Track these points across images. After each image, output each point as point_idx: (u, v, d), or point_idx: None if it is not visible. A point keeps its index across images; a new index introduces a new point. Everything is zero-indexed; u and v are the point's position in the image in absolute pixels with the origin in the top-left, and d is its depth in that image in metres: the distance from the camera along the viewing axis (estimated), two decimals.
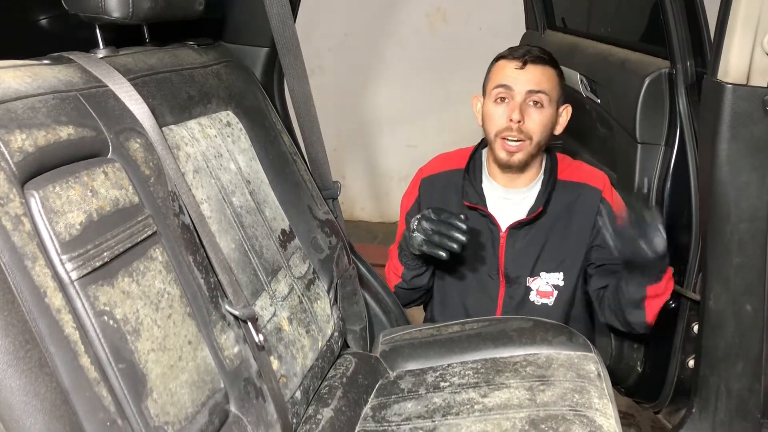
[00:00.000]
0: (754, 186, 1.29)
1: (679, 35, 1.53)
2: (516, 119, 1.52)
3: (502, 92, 1.56)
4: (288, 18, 1.36)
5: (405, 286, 1.67)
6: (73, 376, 0.74)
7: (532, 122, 1.54)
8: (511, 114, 1.53)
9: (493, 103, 1.57)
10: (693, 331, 1.58)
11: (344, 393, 1.27)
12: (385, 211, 3.92)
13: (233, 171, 1.22)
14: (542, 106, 1.55)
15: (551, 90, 1.56)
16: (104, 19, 1.01)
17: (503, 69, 1.57)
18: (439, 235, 1.43)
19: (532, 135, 1.55)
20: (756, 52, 1.23)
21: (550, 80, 1.56)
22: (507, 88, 1.55)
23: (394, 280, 1.67)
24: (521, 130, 1.53)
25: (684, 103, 1.55)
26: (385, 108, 3.72)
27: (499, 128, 1.56)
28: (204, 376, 0.93)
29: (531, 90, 1.53)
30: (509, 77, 1.55)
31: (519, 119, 1.52)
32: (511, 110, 1.53)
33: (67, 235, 0.79)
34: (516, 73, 1.55)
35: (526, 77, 1.54)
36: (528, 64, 1.54)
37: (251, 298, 1.12)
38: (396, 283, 1.67)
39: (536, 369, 1.31)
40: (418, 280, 1.65)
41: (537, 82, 1.54)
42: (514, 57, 1.56)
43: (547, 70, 1.56)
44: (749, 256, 1.32)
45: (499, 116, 1.56)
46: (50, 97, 0.86)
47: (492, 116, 1.57)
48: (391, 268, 1.68)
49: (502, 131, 1.55)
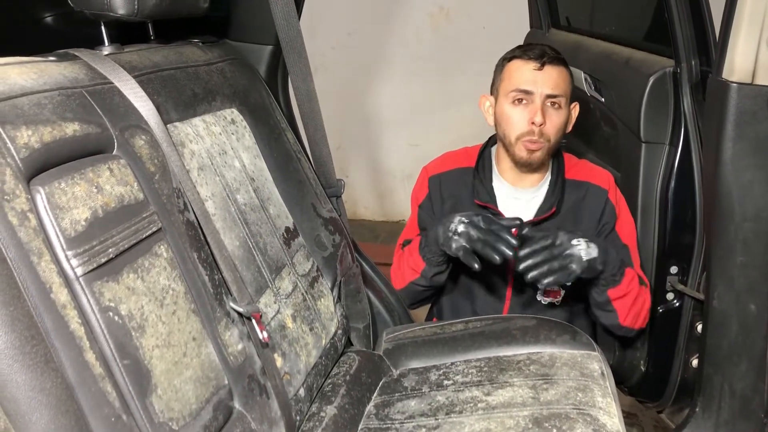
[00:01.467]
0: (758, 185, 1.28)
1: (684, 34, 1.53)
2: (539, 122, 1.52)
3: (520, 94, 1.54)
4: (292, 16, 1.36)
5: (423, 283, 1.61)
6: (79, 372, 0.75)
7: (551, 124, 1.54)
8: (533, 117, 1.52)
9: (510, 105, 1.56)
10: (696, 330, 1.58)
11: (348, 391, 1.27)
12: (388, 210, 3.92)
13: (237, 168, 1.22)
14: (560, 107, 1.55)
15: (567, 91, 1.56)
16: (109, 16, 1.02)
17: (520, 70, 1.55)
18: (484, 244, 1.42)
19: (551, 137, 1.55)
20: (761, 51, 1.22)
21: (567, 81, 1.56)
22: (526, 92, 1.53)
23: (410, 275, 1.61)
24: (542, 133, 1.53)
25: (688, 102, 1.55)
26: (389, 107, 3.72)
27: (520, 131, 1.55)
28: (208, 373, 0.93)
29: (551, 93, 1.53)
30: (528, 80, 1.53)
31: (542, 122, 1.52)
32: (533, 113, 1.52)
33: (73, 231, 0.79)
34: (535, 75, 1.53)
35: (545, 79, 1.53)
36: (546, 65, 1.53)
37: (255, 296, 1.12)
38: (412, 279, 1.61)
39: (540, 367, 1.31)
40: (438, 278, 1.60)
41: (555, 84, 1.53)
42: (531, 58, 1.54)
43: (563, 71, 1.55)
44: (753, 256, 1.32)
45: (518, 119, 1.55)
46: (56, 93, 0.86)
47: (510, 119, 1.56)
48: (405, 264, 1.63)
49: (524, 135, 1.54)
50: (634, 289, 1.53)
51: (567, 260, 1.41)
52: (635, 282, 1.54)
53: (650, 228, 1.63)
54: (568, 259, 1.41)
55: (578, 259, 1.41)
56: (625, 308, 1.54)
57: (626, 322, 1.56)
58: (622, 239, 1.61)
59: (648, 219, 1.63)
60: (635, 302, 1.55)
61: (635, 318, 1.57)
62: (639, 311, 1.57)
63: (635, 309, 1.56)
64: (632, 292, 1.53)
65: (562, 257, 1.41)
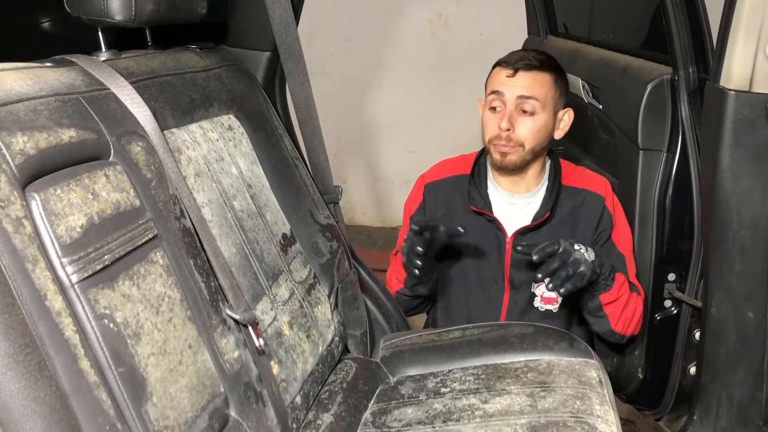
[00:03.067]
0: (756, 193, 1.29)
1: (682, 41, 1.53)
2: (504, 128, 1.54)
3: (494, 99, 1.58)
4: (290, 22, 1.36)
5: (407, 293, 1.66)
6: (73, 380, 0.74)
7: (523, 129, 1.55)
8: (500, 122, 1.54)
9: (488, 111, 1.59)
10: (694, 338, 1.58)
11: (344, 398, 1.27)
12: (386, 216, 3.92)
13: (234, 175, 1.22)
14: (534, 113, 1.55)
15: (544, 96, 1.55)
16: (107, 22, 1.02)
17: (496, 76, 1.59)
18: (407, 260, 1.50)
19: (524, 142, 1.55)
20: (759, 59, 1.23)
21: (543, 86, 1.56)
22: (499, 94, 1.56)
23: (396, 285, 1.67)
24: (510, 138, 1.55)
25: (686, 109, 1.55)
26: (387, 113, 3.73)
27: (490, 135, 1.58)
28: (204, 381, 0.93)
29: (521, 96, 1.54)
30: (501, 84, 1.57)
31: (507, 127, 1.53)
32: (501, 118, 1.55)
33: (68, 237, 0.79)
34: (507, 81, 1.56)
35: (516, 84, 1.55)
36: (519, 72, 1.55)
37: (252, 303, 1.12)
38: (398, 288, 1.67)
39: (537, 375, 1.30)
40: (419, 288, 1.64)
41: (527, 88, 1.54)
42: (508, 63, 1.57)
43: (539, 76, 1.56)
44: (751, 263, 1.32)
45: (491, 123, 1.58)
46: (52, 99, 0.86)
47: (485, 123, 1.60)
48: (393, 273, 1.68)
49: (494, 138, 1.57)
50: (624, 294, 1.54)
51: (576, 265, 1.42)
52: (625, 287, 1.55)
53: (648, 235, 1.63)
54: (576, 264, 1.42)
55: (586, 262, 1.43)
56: (617, 313, 1.55)
57: (618, 327, 1.58)
58: (618, 248, 1.61)
59: (646, 226, 1.63)
60: (626, 307, 1.56)
61: (626, 324, 1.58)
62: (630, 317, 1.58)
63: (626, 314, 1.57)
64: (623, 297, 1.54)
65: (572, 263, 1.42)
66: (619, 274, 1.55)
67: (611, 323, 1.57)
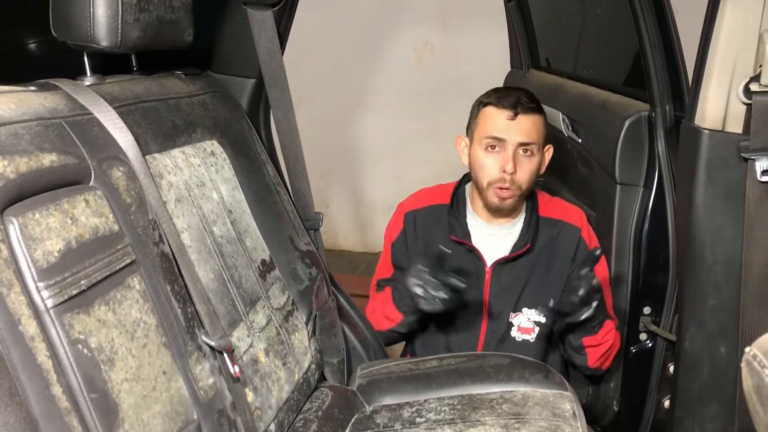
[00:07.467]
0: (729, 229, 1.31)
1: (659, 80, 1.57)
2: (510, 171, 1.54)
3: (493, 141, 1.56)
4: (276, 51, 1.37)
5: (402, 330, 1.65)
6: (44, 406, 0.74)
7: (523, 172, 1.56)
8: (504, 165, 1.54)
9: (484, 152, 1.58)
10: (669, 371, 1.59)
11: (319, 427, 1.26)
12: (369, 242, 3.92)
13: (215, 200, 1.22)
14: (532, 155, 1.57)
15: (540, 138, 1.58)
16: (92, 47, 1.02)
17: (494, 118, 1.57)
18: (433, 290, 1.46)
19: (523, 184, 1.57)
20: (731, 99, 1.26)
21: (539, 129, 1.58)
22: (499, 139, 1.55)
23: (386, 323, 1.64)
24: (514, 180, 1.55)
25: (662, 145, 1.58)
26: (372, 138, 3.75)
27: (491, 178, 1.57)
28: (177, 408, 0.92)
29: (523, 141, 1.55)
30: (501, 129, 1.55)
31: (513, 171, 1.54)
32: (504, 161, 1.55)
33: (45, 262, 0.79)
34: (507, 125, 1.55)
35: (518, 128, 1.55)
36: (519, 115, 1.55)
37: (228, 329, 1.12)
38: (388, 327, 1.64)
39: (512, 406, 1.31)
40: (417, 324, 1.64)
41: (528, 132, 1.55)
42: (505, 107, 1.55)
43: (536, 119, 1.57)
44: (724, 299, 1.34)
45: (490, 166, 1.57)
46: (34, 123, 0.87)
47: (483, 165, 1.58)
48: (379, 311, 1.65)
49: (495, 181, 1.57)
50: (608, 342, 1.58)
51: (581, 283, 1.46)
52: (611, 334, 1.58)
53: (624, 268, 1.65)
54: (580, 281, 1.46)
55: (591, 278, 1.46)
56: (597, 355, 1.60)
57: (595, 365, 1.62)
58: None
59: (622, 259, 1.65)
60: (609, 350, 1.60)
61: (604, 361, 1.62)
62: (609, 356, 1.62)
63: (606, 355, 1.61)
64: (606, 343, 1.58)
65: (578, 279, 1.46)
66: (609, 322, 1.57)
67: (589, 362, 1.61)
